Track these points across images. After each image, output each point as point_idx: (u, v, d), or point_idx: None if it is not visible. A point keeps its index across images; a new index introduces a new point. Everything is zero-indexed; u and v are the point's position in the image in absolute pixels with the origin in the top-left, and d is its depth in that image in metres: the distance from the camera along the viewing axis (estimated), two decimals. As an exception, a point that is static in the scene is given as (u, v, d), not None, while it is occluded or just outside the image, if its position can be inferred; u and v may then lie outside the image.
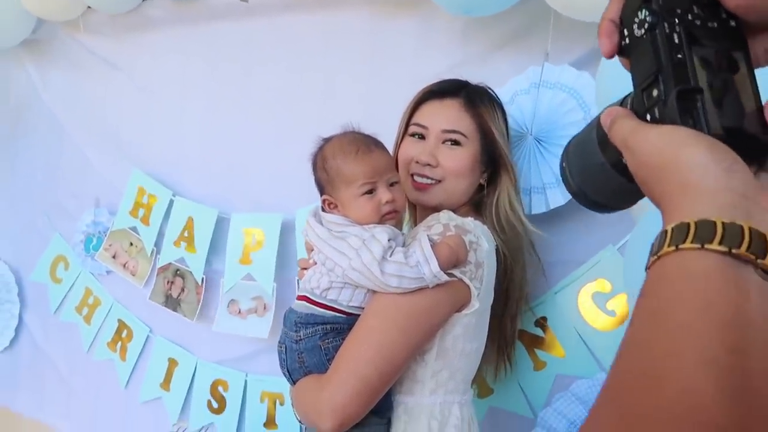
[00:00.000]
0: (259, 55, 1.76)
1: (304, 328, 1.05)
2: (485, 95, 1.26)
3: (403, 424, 1.06)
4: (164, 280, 1.84)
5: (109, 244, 1.93)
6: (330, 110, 1.60)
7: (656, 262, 0.40)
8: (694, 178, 0.40)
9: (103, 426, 1.99)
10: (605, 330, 1.37)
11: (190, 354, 1.81)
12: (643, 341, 0.39)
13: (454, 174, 1.18)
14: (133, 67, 1.95)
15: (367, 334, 1.00)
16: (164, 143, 1.91)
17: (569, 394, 1.37)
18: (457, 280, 1.03)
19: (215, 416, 1.75)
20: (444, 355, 1.06)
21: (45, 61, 2.12)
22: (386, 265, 0.97)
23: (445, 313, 1.04)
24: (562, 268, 1.41)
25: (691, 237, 0.38)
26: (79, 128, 2.06)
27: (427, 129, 1.21)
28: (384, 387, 1.00)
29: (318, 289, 1.06)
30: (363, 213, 1.05)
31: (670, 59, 0.45)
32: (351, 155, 1.06)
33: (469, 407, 1.13)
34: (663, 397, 0.35)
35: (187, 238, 1.76)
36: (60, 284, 2.07)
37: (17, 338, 2.22)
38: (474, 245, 1.06)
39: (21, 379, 2.21)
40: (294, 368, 1.07)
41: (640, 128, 0.46)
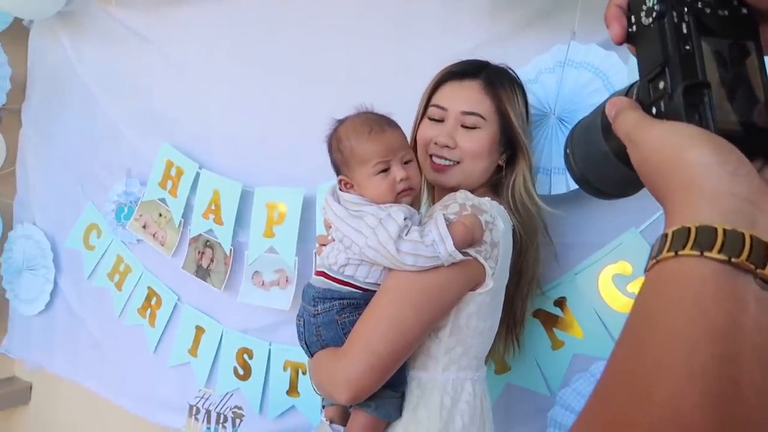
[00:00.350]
0: (285, 32, 1.77)
1: (321, 303, 1.08)
2: (505, 77, 1.25)
3: (416, 398, 1.09)
4: (195, 250, 1.89)
5: (139, 215, 1.98)
6: (353, 88, 1.60)
7: (655, 267, 0.40)
8: (697, 180, 0.39)
9: (133, 388, 2.07)
10: (624, 312, 1.37)
11: (217, 322, 1.87)
12: (633, 347, 0.38)
13: (471, 156, 1.18)
14: (163, 40, 1.98)
15: (381, 310, 1.03)
16: (192, 116, 1.94)
17: (589, 375, 1.39)
18: (471, 259, 1.04)
19: (241, 382, 1.80)
20: (458, 332, 1.09)
21: (79, 34, 2.16)
22: (402, 244, 0.99)
23: (459, 291, 1.06)
24: (582, 249, 1.42)
25: (690, 243, 0.37)
26: (111, 100, 2.11)
27: (446, 111, 1.21)
28: (397, 362, 1.03)
29: (335, 265, 1.08)
30: (378, 191, 1.07)
31: (678, 51, 0.43)
32: (364, 135, 1.07)
33: (482, 384, 1.16)
34: (650, 404, 0.35)
35: (214, 210, 1.80)
36: (93, 251, 2.13)
37: (52, 302, 2.30)
38: (490, 225, 1.07)
39: (56, 342, 2.30)
40: (312, 341, 1.10)
41: (645, 123, 0.45)
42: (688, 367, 0.34)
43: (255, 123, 1.84)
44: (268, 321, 1.79)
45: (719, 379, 0.34)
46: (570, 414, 1.39)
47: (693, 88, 0.42)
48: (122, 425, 2.14)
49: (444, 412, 1.07)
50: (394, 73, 1.61)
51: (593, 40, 1.39)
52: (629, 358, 0.39)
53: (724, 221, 0.37)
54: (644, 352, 0.37)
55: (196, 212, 1.83)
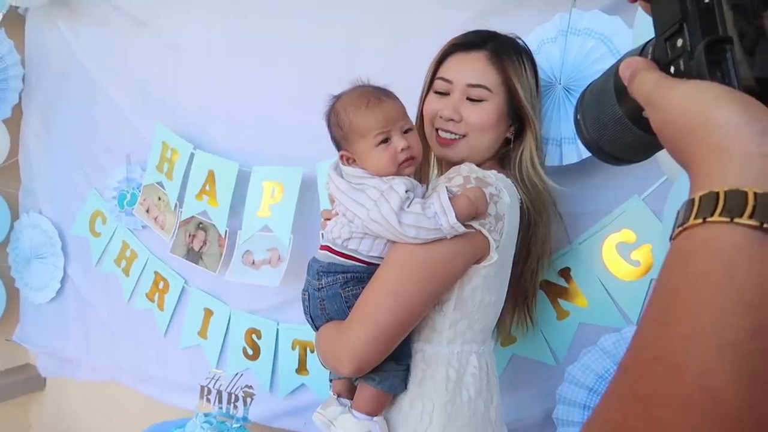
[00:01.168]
0: (282, 8, 1.75)
1: (325, 277, 1.09)
2: (513, 47, 1.23)
3: (421, 371, 1.10)
4: (186, 233, 1.88)
5: (143, 199, 1.99)
6: (352, 64, 1.60)
7: (681, 234, 0.38)
8: (725, 142, 0.37)
9: (146, 371, 2.10)
10: (629, 280, 1.38)
11: (224, 304, 1.88)
12: (661, 321, 0.37)
13: (477, 129, 1.17)
14: (158, 22, 1.96)
15: (384, 283, 1.03)
16: (189, 98, 1.93)
17: (597, 349, 1.38)
18: (475, 231, 1.04)
19: (251, 362, 1.82)
20: (462, 305, 1.09)
21: (75, 19, 2.14)
22: (404, 216, 1.00)
23: (463, 263, 1.06)
24: (586, 218, 1.41)
25: (719, 209, 0.35)
26: (110, 84, 2.10)
27: (452, 83, 1.20)
28: (400, 334, 1.04)
29: (339, 239, 1.09)
30: (380, 163, 1.06)
31: (697, 5, 0.41)
32: (362, 108, 1.07)
33: (488, 357, 1.16)
34: (680, 381, 0.34)
35: (208, 191, 1.79)
36: (99, 238, 2.14)
37: (63, 289, 2.33)
38: (495, 198, 1.07)
39: (68, 328, 2.32)
40: (316, 315, 1.11)
41: (666, 83, 0.42)
42: (719, 341, 0.33)
43: (253, 102, 1.83)
44: (275, 301, 1.80)
45: (751, 354, 0.33)
46: (579, 389, 1.39)
47: (714, 44, 0.40)
48: (136, 409, 2.17)
49: (450, 384, 1.08)
50: (392, 46, 1.60)
51: (595, 5, 1.37)
52: (657, 334, 0.37)
53: (755, 184, 0.35)
54: (673, 326, 0.35)
55: (189, 194, 1.82)
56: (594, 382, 1.38)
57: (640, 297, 1.37)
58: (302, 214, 1.67)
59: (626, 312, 1.39)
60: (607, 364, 1.38)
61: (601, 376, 1.38)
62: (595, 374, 1.38)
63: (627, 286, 1.38)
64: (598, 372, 1.38)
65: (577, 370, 1.40)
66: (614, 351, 1.37)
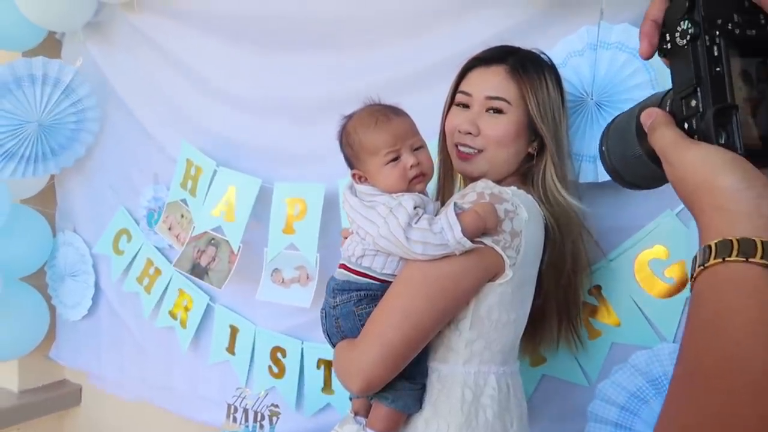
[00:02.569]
0: (305, 29, 1.76)
1: (340, 295, 1.09)
2: (533, 61, 1.21)
3: (437, 392, 1.08)
4: (195, 249, 1.88)
5: (166, 216, 2.00)
6: (373, 81, 1.59)
7: (703, 273, 0.45)
8: (729, 204, 0.45)
9: (175, 388, 2.12)
10: (663, 298, 1.33)
11: (250, 322, 1.88)
12: (701, 348, 0.44)
13: (495, 143, 1.16)
14: (183, 45, 1.99)
15: (394, 300, 1.03)
16: (214, 117, 1.96)
17: (629, 366, 1.34)
18: (487, 248, 1.02)
19: (277, 380, 1.81)
20: (479, 324, 1.07)
21: (104, 41, 2.20)
22: (411, 232, 0.99)
23: (475, 280, 1.04)
24: (617, 234, 1.37)
25: (735, 251, 0.43)
26: (137, 104, 2.14)
27: (472, 96, 1.19)
28: (410, 352, 1.02)
29: (353, 256, 1.09)
30: (390, 181, 1.06)
31: (709, 73, 0.47)
32: (371, 127, 1.07)
33: (510, 378, 1.13)
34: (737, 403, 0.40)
35: (227, 206, 1.79)
36: (122, 256, 2.17)
37: (95, 307, 2.36)
38: (511, 214, 1.05)
39: (102, 346, 2.35)
40: (332, 332, 1.11)
41: (681, 144, 0.49)
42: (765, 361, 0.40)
43: (275, 120, 1.84)
44: (300, 320, 1.79)
45: None
46: (610, 407, 1.35)
47: (722, 110, 0.47)
48: (169, 426, 2.18)
49: (465, 405, 1.06)
50: (413, 62, 1.59)
51: (622, 17, 1.35)
52: (701, 361, 0.44)
53: (759, 235, 0.44)
54: (714, 351, 0.43)
55: (205, 208, 1.83)
56: (626, 400, 1.34)
57: (675, 315, 1.32)
58: (326, 231, 1.66)
59: (661, 331, 1.34)
60: (639, 381, 1.33)
61: (633, 393, 1.33)
62: (626, 392, 1.33)
63: (661, 305, 1.34)
64: (630, 390, 1.33)
65: (608, 387, 1.36)
66: (646, 368, 1.33)
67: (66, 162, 2.24)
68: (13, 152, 2.06)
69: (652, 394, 1.32)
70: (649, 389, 1.32)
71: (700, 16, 0.48)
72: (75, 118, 2.15)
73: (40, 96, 2.05)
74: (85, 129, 2.21)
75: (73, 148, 2.22)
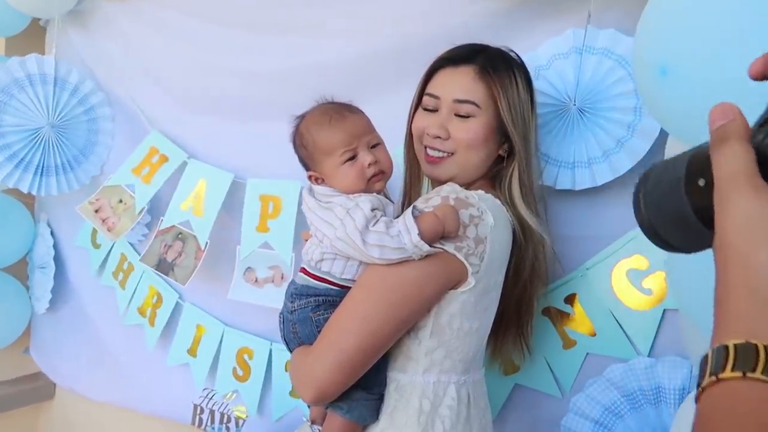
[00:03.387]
0: (284, 24, 1.71)
1: (298, 299, 1.05)
2: (503, 60, 1.16)
3: (394, 401, 1.04)
4: (162, 243, 1.82)
5: (96, 198, 1.92)
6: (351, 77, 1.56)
7: (714, 387, 0.35)
8: (763, 287, 0.35)
9: (136, 388, 2.06)
10: (640, 309, 1.30)
11: (219, 321, 1.83)
12: None
13: (465, 146, 1.11)
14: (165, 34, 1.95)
15: (351, 306, 0.99)
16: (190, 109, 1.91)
17: (603, 380, 1.30)
18: (449, 254, 0.98)
19: (240, 383, 1.75)
20: (439, 333, 1.03)
21: (88, 31, 2.15)
22: (368, 235, 0.95)
23: (436, 287, 1.00)
24: (595, 243, 1.33)
25: (761, 366, 0.33)
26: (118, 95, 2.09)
27: (439, 99, 1.14)
28: (366, 361, 0.98)
29: (312, 260, 1.05)
30: (348, 180, 1.03)
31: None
32: (325, 125, 1.04)
33: (472, 388, 1.09)
34: None
35: (195, 200, 1.74)
36: (99, 249, 2.11)
37: (58, 301, 2.28)
38: (476, 219, 1.00)
39: (66, 340, 2.29)
40: (289, 338, 1.08)
41: (748, 181, 0.39)
42: None
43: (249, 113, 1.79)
44: (272, 321, 1.72)
45: None
46: (584, 421, 1.31)
47: None
48: (141, 423, 2.13)
49: (422, 417, 1.02)
50: (392, 60, 1.54)
51: (609, 22, 1.31)
52: None
53: None
54: None
55: (173, 202, 1.77)
56: (600, 415, 1.30)
57: (652, 328, 1.29)
58: (303, 230, 1.62)
59: (636, 344, 1.30)
60: (614, 395, 1.29)
61: (607, 408, 1.29)
62: (601, 406, 1.29)
63: (638, 316, 1.30)
64: (604, 404, 1.29)
65: (582, 401, 1.32)
66: (621, 382, 1.29)
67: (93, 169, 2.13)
68: (29, 161, 1.98)
69: (627, 408, 1.28)
70: (624, 404, 1.29)
71: None
72: (86, 117, 2.07)
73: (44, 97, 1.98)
74: (99, 142, 2.11)
75: (96, 152, 2.12)
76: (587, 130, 1.31)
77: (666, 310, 1.27)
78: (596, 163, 1.30)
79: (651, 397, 1.27)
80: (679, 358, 1.24)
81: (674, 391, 1.24)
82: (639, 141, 1.26)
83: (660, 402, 1.26)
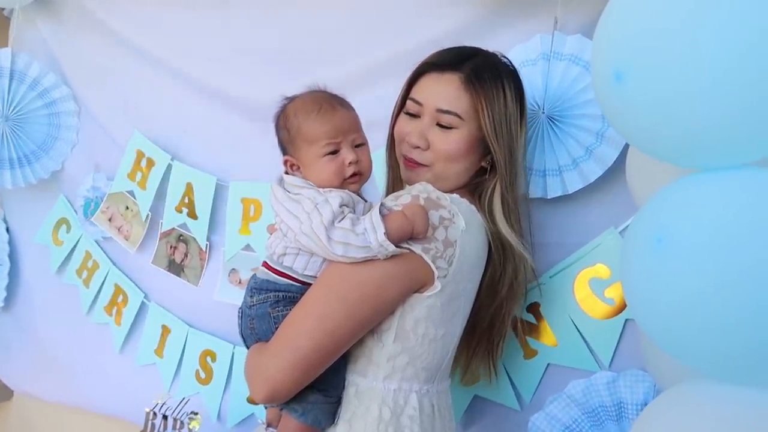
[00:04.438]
0: (263, 25, 1.69)
1: (257, 294, 1.02)
2: (492, 69, 1.11)
3: (353, 407, 1.01)
4: (167, 245, 1.82)
5: (106, 207, 1.91)
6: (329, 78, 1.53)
7: None
8: None
9: (100, 388, 2.00)
10: (601, 319, 1.27)
11: (183, 322, 1.79)
12: None
13: (444, 158, 1.08)
14: (137, 28, 1.91)
15: (311, 304, 0.96)
16: (167, 108, 1.87)
17: (564, 396, 1.27)
18: (415, 255, 0.95)
19: (202, 386, 1.72)
20: (404, 338, 1.00)
21: (57, 22, 2.09)
22: (333, 231, 0.92)
23: (400, 289, 0.97)
24: (558, 250, 1.32)
25: None
26: (87, 90, 2.04)
27: (422, 106, 1.11)
28: (322, 361, 0.96)
29: (275, 254, 1.02)
30: (324, 174, 1.00)
31: None
32: (313, 113, 1.00)
33: (436, 398, 1.06)
34: None
35: (187, 204, 1.73)
36: (60, 247, 2.06)
37: (12, 299, 2.22)
38: (446, 222, 0.98)
39: (20, 340, 2.22)
40: (247, 334, 1.05)
41: None
42: None
43: (231, 115, 1.76)
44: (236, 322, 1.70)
45: None
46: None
47: None
48: (102, 422, 2.07)
49: (382, 425, 0.98)
50: (363, 59, 1.52)
51: (575, 26, 1.30)
52: None
53: None
54: None
55: (168, 205, 1.76)
56: (560, 434, 1.27)
57: (613, 339, 1.27)
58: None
59: (598, 354, 1.28)
60: (575, 413, 1.26)
61: (568, 426, 1.26)
62: (561, 425, 1.26)
63: (600, 326, 1.28)
64: (564, 422, 1.26)
65: (541, 420, 1.28)
66: (582, 399, 1.26)
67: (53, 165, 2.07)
68: None
69: (588, 426, 1.25)
70: (585, 421, 1.26)
71: None
72: (46, 111, 2.02)
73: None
74: (60, 137, 2.05)
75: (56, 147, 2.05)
76: (556, 138, 1.30)
77: (627, 320, 1.25)
78: (567, 170, 1.28)
79: (613, 413, 1.24)
80: (641, 371, 1.22)
81: (636, 405, 1.22)
82: (607, 148, 1.25)
83: (621, 418, 1.24)
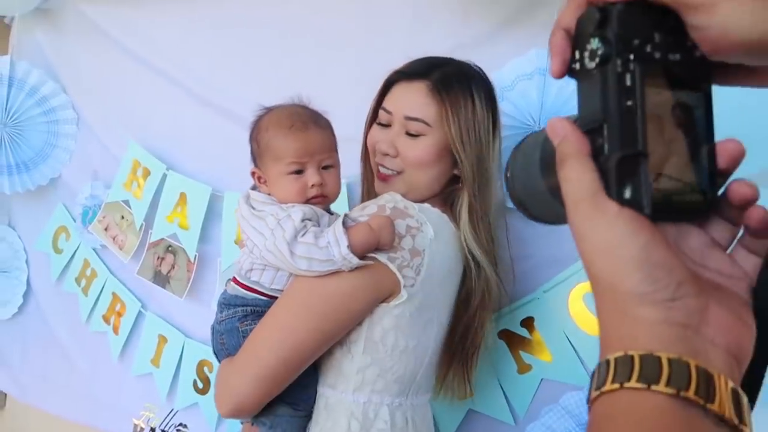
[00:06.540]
0: (256, 37, 1.70)
1: (226, 309, 1.02)
2: (461, 76, 1.10)
3: (323, 420, 1.00)
4: (154, 255, 1.82)
5: (103, 216, 1.92)
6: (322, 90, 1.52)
7: (599, 399, 0.37)
8: (632, 309, 0.38)
9: (99, 396, 2.00)
10: (596, 334, 1.27)
11: (180, 332, 1.79)
12: None
13: (414, 165, 1.08)
14: (134, 37, 1.91)
15: (274, 317, 0.96)
16: (163, 117, 1.88)
17: (558, 408, 1.28)
18: (381, 265, 0.95)
19: (200, 396, 1.72)
20: (373, 349, 0.99)
21: (55, 31, 2.11)
22: (296, 247, 0.92)
23: (367, 299, 0.97)
24: (553, 265, 1.31)
25: (636, 375, 0.36)
26: (83, 99, 2.05)
27: (392, 115, 1.11)
28: (288, 374, 0.95)
29: (242, 270, 1.02)
30: (286, 193, 1.00)
31: (619, 109, 0.39)
32: (284, 130, 1.00)
33: (411, 412, 1.04)
34: None
35: (180, 213, 1.73)
36: (60, 255, 2.07)
37: (25, 306, 2.23)
38: (413, 230, 0.97)
39: (29, 348, 2.23)
40: (218, 350, 1.05)
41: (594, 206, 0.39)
42: None
43: (226, 125, 1.76)
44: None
45: None
46: (540, 449, 1.28)
47: (628, 158, 0.39)
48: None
49: None
50: (360, 75, 1.51)
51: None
52: None
53: (667, 349, 0.36)
54: None
55: (159, 215, 1.76)
56: (556, 444, 1.27)
57: (607, 354, 1.26)
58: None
59: (591, 369, 1.27)
60: (569, 424, 1.26)
61: (562, 437, 1.26)
62: (555, 435, 1.26)
63: (594, 342, 1.26)
64: (559, 433, 1.26)
65: (537, 430, 1.29)
66: (576, 410, 1.26)
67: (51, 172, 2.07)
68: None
69: (582, 437, 1.26)
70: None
71: (613, 32, 0.39)
72: (45, 119, 2.03)
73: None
74: (59, 145, 2.06)
75: (54, 154, 2.06)
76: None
77: (622, 337, 1.25)
78: (559, 184, 1.28)
79: (605, 425, 1.24)
80: (635, 384, 1.22)
81: (629, 418, 1.21)
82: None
83: (614, 430, 1.24)
